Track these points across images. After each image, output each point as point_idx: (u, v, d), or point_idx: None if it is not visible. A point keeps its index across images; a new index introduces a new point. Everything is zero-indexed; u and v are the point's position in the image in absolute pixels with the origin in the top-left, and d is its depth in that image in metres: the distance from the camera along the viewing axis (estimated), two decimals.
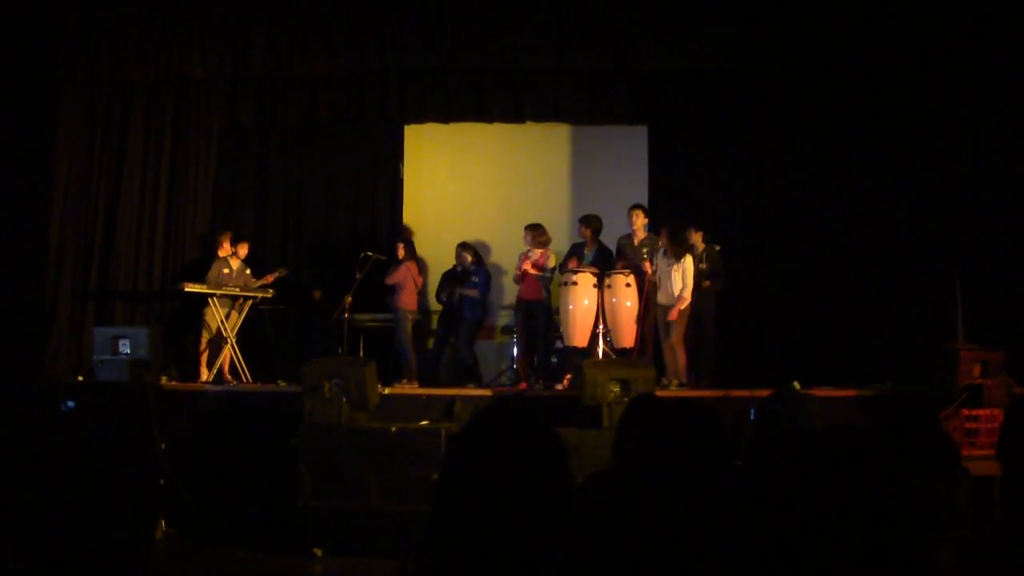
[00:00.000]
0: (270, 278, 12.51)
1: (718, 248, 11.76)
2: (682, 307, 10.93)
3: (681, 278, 10.96)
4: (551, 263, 11.79)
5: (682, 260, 11.00)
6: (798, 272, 12.99)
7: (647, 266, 11.16)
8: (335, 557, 8.58)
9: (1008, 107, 11.94)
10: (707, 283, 11.44)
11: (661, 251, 11.16)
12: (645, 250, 11.32)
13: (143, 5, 12.74)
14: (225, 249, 12.45)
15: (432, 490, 2.30)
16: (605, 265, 11.52)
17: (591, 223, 11.74)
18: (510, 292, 12.63)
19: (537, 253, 11.73)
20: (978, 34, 11.71)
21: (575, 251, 11.84)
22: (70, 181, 12.94)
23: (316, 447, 8.89)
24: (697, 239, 11.56)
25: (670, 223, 11.35)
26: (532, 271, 11.66)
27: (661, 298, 11.11)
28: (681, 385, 10.88)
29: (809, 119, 13.01)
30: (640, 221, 11.80)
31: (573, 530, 2.24)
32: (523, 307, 11.83)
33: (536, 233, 11.77)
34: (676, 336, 11.00)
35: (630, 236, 11.81)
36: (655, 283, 11.17)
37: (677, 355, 10.98)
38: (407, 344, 12.20)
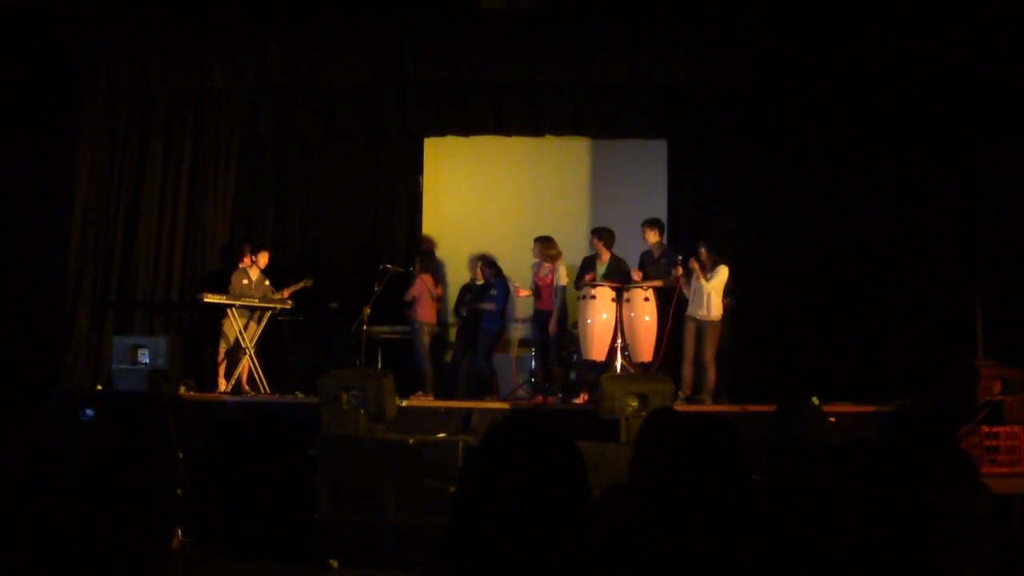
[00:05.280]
0: (287, 292, 12.54)
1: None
2: (719, 310, 10.99)
3: (716, 288, 10.98)
4: (562, 279, 11.79)
5: (716, 270, 11.00)
6: (817, 286, 12.94)
7: (680, 278, 11.13)
8: (351, 568, 8.58)
9: None
10: (727, 300, 11.40)
11: (699, 265, 11.15)
12: (680, 258, 11.27)
13: (164, 17, 12.80)
14: (246, 260, 12.49)
15: (449, 502, 2.30)
16: (620, 278, 11.52)
17: (603, 236, 11.73)
18: (527, 304, 12.62)
19: (547, 267, 11.76)
20: (1000, 47, 11.67)
21: (588, 264, 11.82)
22: (90, 191, 12.97)
23: (333, 458, 8.90)
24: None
25: (706, 236, 11.36)
26: (522, 294, 11.93)
27: (693, 311, 11.10)
28: (689, 399, 10.87)
29: (828, 134, 12.98)
30: (652, 237, 11.83)
31: (591, 544, 2.23)
32: (541, 318, 11.86)
33: (545, 246, 11.80)
34: (710, 352, 11.00)
35: (650, 251, 11.82)
36: (686, 296, 11.16)
37: (708, 372, 10.97)
38: (424, 356, 12.23)
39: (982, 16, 11.73)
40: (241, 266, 12.50)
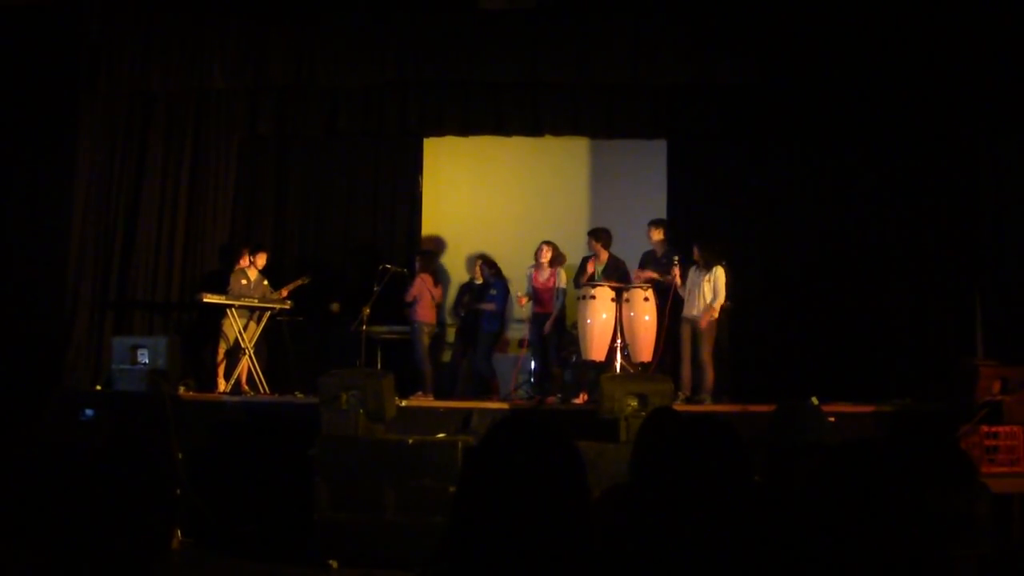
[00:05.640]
0: (285, 290, 12.52)
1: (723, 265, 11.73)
2: (713, 316, 10.95)
3: (712, 289, 10.96)
4: (562, 282, 11.85)
5: (713, 270, 11.00)
6: (817, 286, 12.94)
7: (676, 278, 11.14)
8: (351, 569, 8.58)
9: None
10: (727, 304, 11.43)
11: (693, 265, 11.16)
12: (676, 258, 11.29)
13: (164, 16, 12.79)
14: (244, 260, 12.49)
15: (448, 502, 2.30)
16: (618, 277, 11.53)
17: (600, 237, 11.74)
18: (527, 306, 12.62)
19: (549, 271, 11.79)
20: (999, 46, 11.65)
21: (586, 265, 11.83)
22: (90, 191, 12.96)
23: (333, 458, 8.90)
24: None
25: (701, 236, 11.39)
26: (524, 302, 11.98)
27: (688, 311, 11.10)
28: (688, 400, 10.87)
29: (828, 133, 12.98)
30: (658, 236, 11.84)
31: (590, 544, 2.23)
32: (540, 321, 11.87)
33: (557, 251, 11.85)
34: (707, 352, 10.99)
35: (653, 251, 11.83)
36: (682, 296, 11.17)
37: (706, 371, 10.97)
38: (423, 356, 12.23)
39: (982, 15, 11.71)
40: (239, 266, 12.48)
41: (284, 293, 12.53)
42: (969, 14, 11.74)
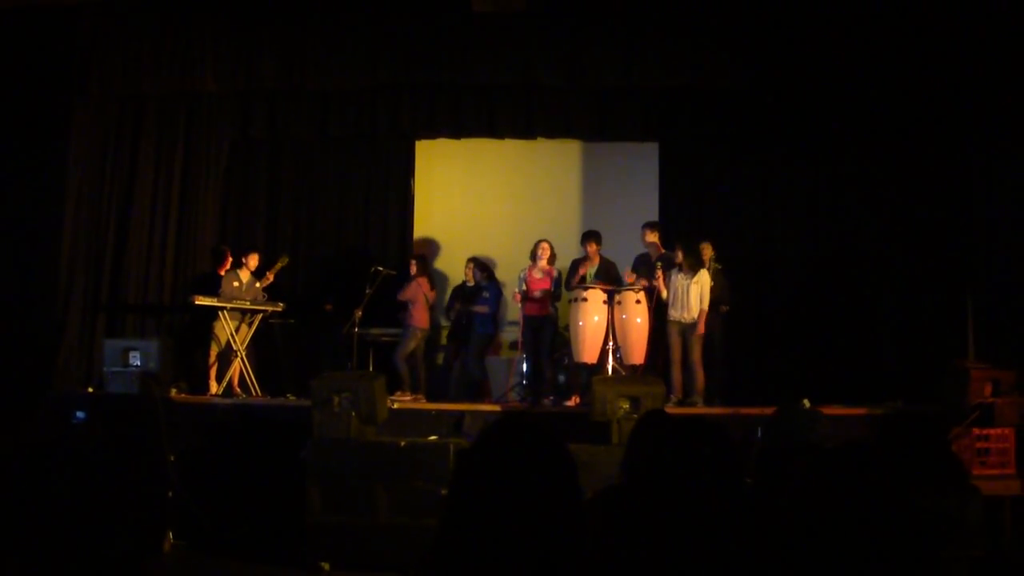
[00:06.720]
0: (271, 274, 12.46)
1: (720, 268, 11.77)
2: (704, 319, 10.98)
3: (699, 292, 10.98)
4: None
5: (699, 274, 11.02)
6: (808, 289, 12.97)
7: (659, 282, 11.15)
8: (343, 571, 8.57)
9: (1021, 124, 11.88)
10: (724, 308, 11.49)
11: (677, 267, 11.17)
12: (660, 264, 11.31)
13: (156, 20, 12.77)
14: (236, 262, 12.46)
15: (440, 505, 2.29)
16: (609, 280, 11.53)
17: (598, 239, 11.73)
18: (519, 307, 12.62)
19: (545, 270, 11.74)
20: (991, 54, 11.67)
21: (577, 267, 11.82)
22: (82, 193, 12.94)
23: (325, 461, 8.88)
24: (708, 251, 11.63)
25: (684, 239, 11.39)
26: (517, 298, 11.75)
27: (676, 315, 11.11)
28: (681, 402, 10.87)
29: (819, 136, 13.01)
30: (651, 238, 11.85)
31: (582, 546, 2.23)
32: (529, 323, 11.83)
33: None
34: (697, 354, 11.01)
35: (647, 254, 11.84)
36: (666, 300, 11.18)
37: (697, 374, 10.98)
38: (401, 359, 12.14)
39: (973, 19, 11.72)
40: (231, 268, 12.44)
41: (271, 278, 12.44)
42: (960, 20, 11.75)
